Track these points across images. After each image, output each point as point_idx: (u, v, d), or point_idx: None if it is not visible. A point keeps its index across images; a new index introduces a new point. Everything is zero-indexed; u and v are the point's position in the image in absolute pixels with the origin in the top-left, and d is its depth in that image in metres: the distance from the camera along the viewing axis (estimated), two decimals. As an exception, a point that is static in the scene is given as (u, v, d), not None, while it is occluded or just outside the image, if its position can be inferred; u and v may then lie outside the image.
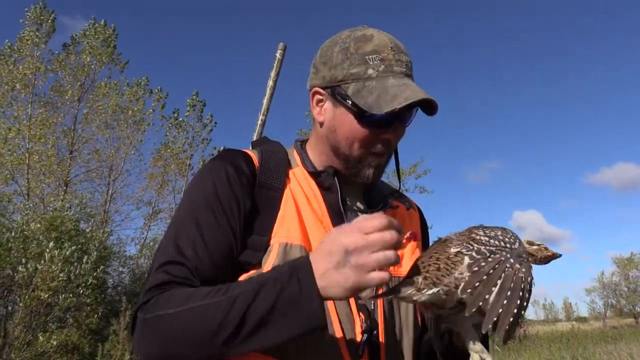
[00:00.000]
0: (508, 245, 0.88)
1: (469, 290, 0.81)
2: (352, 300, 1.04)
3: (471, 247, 0.87)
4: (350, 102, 1.07)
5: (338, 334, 1.00)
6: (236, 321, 0.84)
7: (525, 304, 0.79)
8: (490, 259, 0.84)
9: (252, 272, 1.00)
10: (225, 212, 1.02)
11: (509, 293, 0.78)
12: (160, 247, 1.02)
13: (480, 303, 0.78)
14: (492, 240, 0.88)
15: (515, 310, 0.77)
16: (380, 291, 0.97)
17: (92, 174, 16.20)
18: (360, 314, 1.03)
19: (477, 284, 0.80)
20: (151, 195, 17.04)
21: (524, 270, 0.81)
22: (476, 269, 0.83)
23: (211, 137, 16.85)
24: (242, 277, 0.99)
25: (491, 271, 0.81)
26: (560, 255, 0.99)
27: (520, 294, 0.78)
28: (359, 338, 1.01)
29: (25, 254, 8.32)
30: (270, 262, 1.00)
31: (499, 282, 0.79)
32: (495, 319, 0.76)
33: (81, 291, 8.68)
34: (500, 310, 0.76)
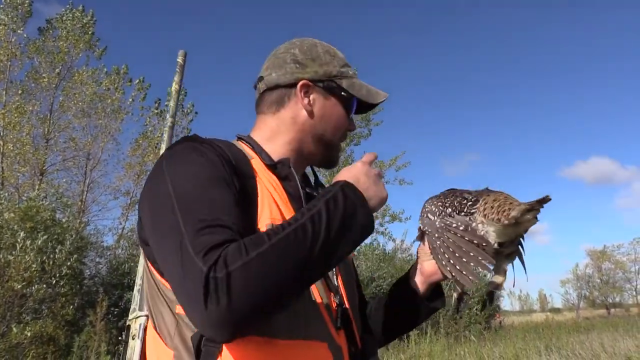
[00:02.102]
0: None
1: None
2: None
3: None
4: (346, 94, 1.23)
5: (321, 307, 1.03)
6: (324, 233, 0.88)
7: None
8: None
9: None
10: (228, 184, 0.97)
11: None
12: (177, 221, 0.88)
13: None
14: None
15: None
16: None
17: (69, 162, 15.74)
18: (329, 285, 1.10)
19: None
20: (129, 185, 16.72)
21: None
22: None
23: (191, 127, 16.59)
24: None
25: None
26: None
27: None
28: (334, 309, 1.07)
29: (-1, 244, 8.16)
30: None
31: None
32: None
33: (54, 282, 8.54)
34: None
